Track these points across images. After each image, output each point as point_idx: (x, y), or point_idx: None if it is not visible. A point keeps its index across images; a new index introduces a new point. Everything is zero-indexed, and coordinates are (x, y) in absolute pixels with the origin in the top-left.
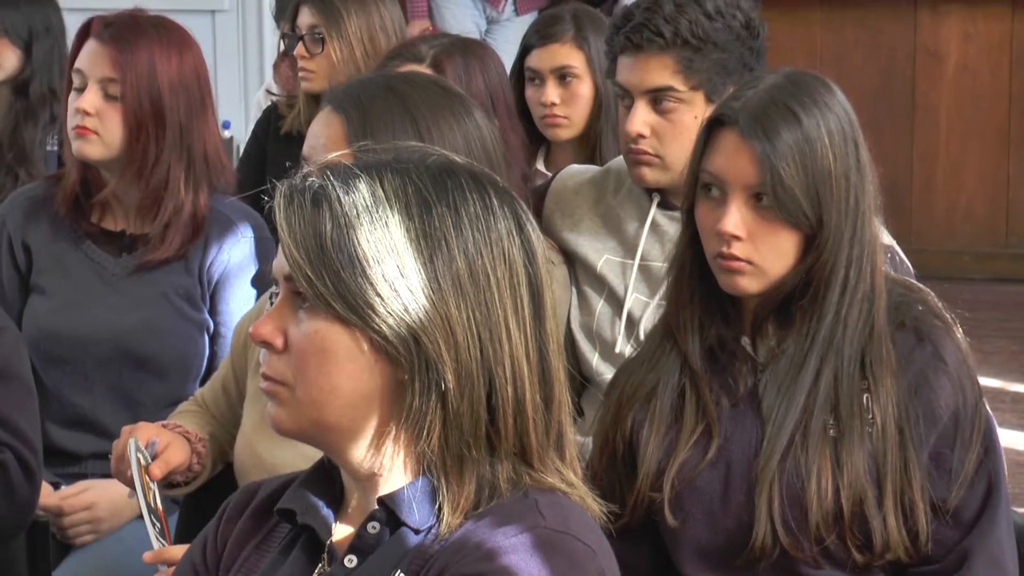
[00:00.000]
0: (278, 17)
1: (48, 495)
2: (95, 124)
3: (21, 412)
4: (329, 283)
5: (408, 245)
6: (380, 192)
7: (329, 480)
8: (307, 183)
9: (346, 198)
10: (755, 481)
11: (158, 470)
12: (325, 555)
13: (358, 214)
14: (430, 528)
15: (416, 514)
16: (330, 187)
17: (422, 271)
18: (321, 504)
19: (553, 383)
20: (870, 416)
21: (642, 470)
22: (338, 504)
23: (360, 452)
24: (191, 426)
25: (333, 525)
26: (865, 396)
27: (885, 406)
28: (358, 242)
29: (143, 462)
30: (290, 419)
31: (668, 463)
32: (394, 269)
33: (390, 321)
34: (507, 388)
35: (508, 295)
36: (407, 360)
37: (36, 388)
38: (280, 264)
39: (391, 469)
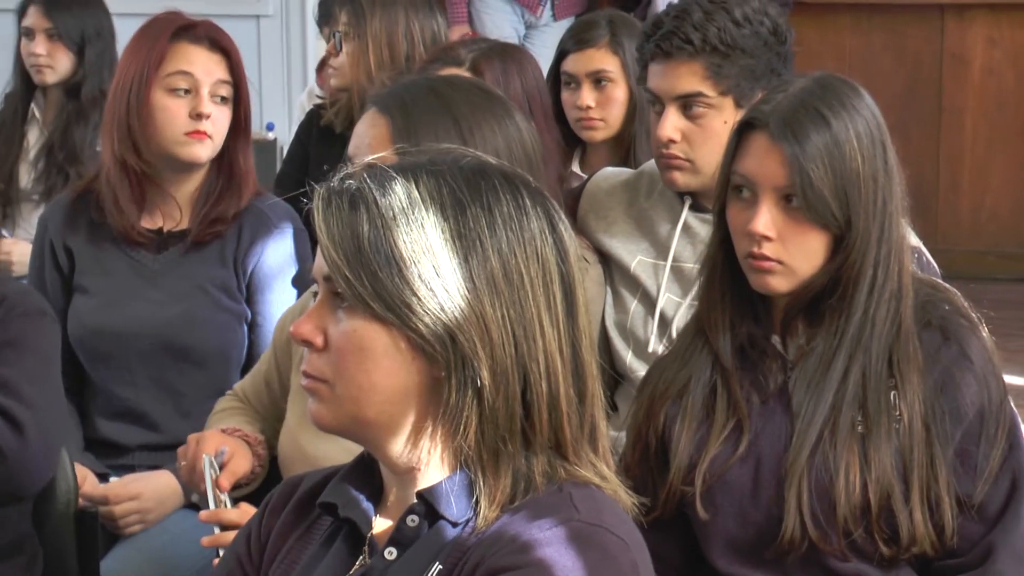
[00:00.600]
0: (321, 22)
1: (95, 487)
2: (211, 128)
3: (29, 380)
4: (367, 283)
5: (443, 245)
6: (416, 194)
7: (369, 474)
8: (345, 185)
9: (383, 200)
10: (784, 476)
11: (226, 481)
12: (366, 547)
13: (394, 215)
14: (467, 521)
15: (454, 507)
16: (367, 189)
17: (457, 271)
18: (361, 498)
19: (586, 378)
20: (897, 413)
21: (674, 464)
22: (378, 498)
23: (398, 447)
24: (246, 427)
25: (373, 518)
26: (892, 393)
27: (912, 403)
28: (394, 243)
29: (215, 475)
30: (330, 415)
31: (699, 458)
32: (430, 269)
33: (426, 320)
34: (541, 383)
35: (541, 293)
36: (443, 357)
37: (83, 384)
38: (319, 265)
39: (429, 463)
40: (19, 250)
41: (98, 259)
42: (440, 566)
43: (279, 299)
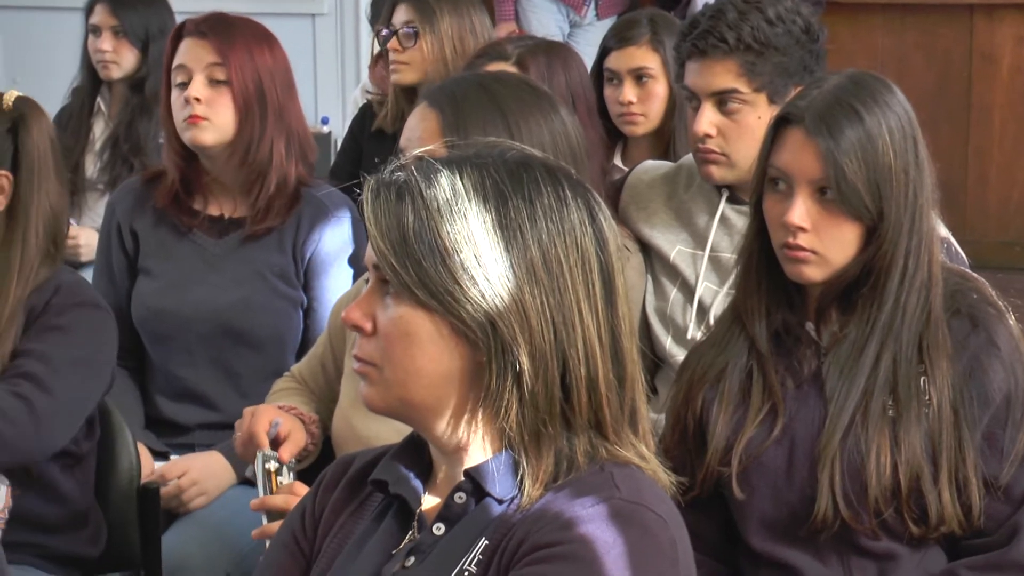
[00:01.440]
0: (373, 20)
1: (155, 466)
2: (205, 111)
3: (64, 365)
4: (412, 271)
5: (485, 236)
6: (459, 185)
7: (418, 453)
8: (393, 177)
9: (428, 191)
10: (818, 457)
11: (287, 453)
12: (415, 523)
13: (439, 207)
14: (512, 499)
15: (499, 485)
16: (413, 181)
17: (499, 260)
18: (411, 475)
19: (626, 363)
20: (926, 397)
21: (711, 446)
22: (427, 476)
23: (444, 427)
24: (301, 406)
25: (423, 495)
26: (922, 379)
27: (941, 388)
28: (439, 233)
29: (268, 466)
30: (379, 397)
31: (736, 440)
32: (472, 258)
33: (468, 307)
34: (580, 368)
35: (580, 281)
36: (484, 344)
37: (145, 364)
38: (369, 253)
39: (474, 443)
40: (86, 237)
41: (162, 243)
42: (486, 541)
43: (334, 285)
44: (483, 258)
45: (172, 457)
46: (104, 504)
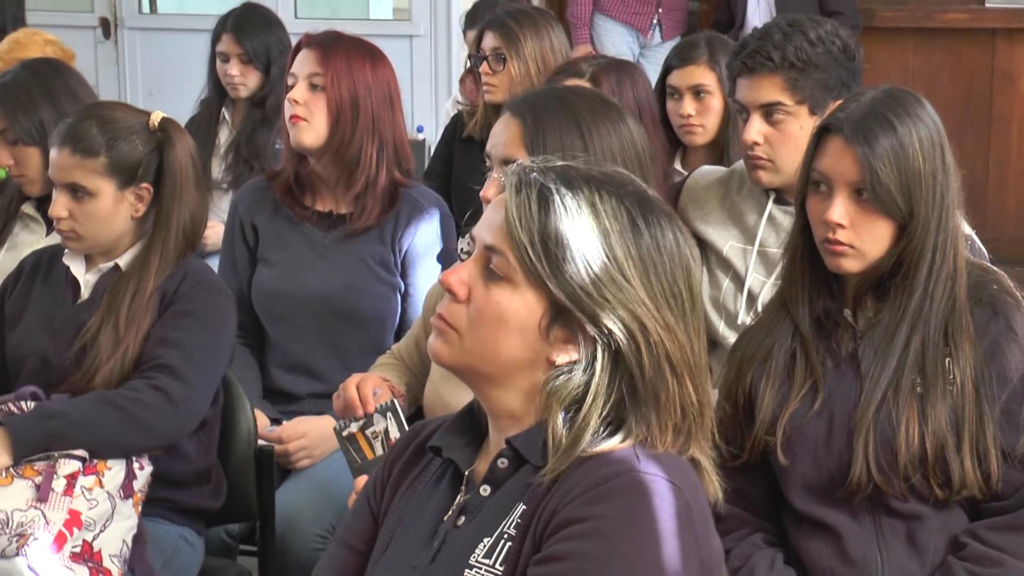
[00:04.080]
0: (466, 28)
1: (270, 429)
2: (304, 112)
3: (198, 350)
4: (547, 267)
5: (624, 257)
6: (599, 206)
7: (474, 422)
8: (532, 177)
9: (570, 202)
10: (854, 429)
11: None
12: (464, 485)
13: (584, 219)
14: (548, 468)
15: (537, 454)
16: (554, 188)
17: (633, 282)
18: (464, 442)
19: (703, 375)
20: (951, 377)
21: (759, 418)
22: (480, 443)
23: (498, 397)
24: (394, 379)
25: (476, 460)
26: (947, 360)
27: (964, 368)
28: (581, 240)
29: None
30: (449, 355)
31: (781, 412)
32: (607, 274)
33: (597, 309)
34: (674, 382)
35: (679, 310)
36: (579, 350)
37: (263, 341)
38: (486, 234)
39: (523, 415)
40: (213, 231)
41: (279, 235)
42: (523, 507)
43: (427, 273)
44: (625, 270)
45: (284, 422)
46: (225, 463)
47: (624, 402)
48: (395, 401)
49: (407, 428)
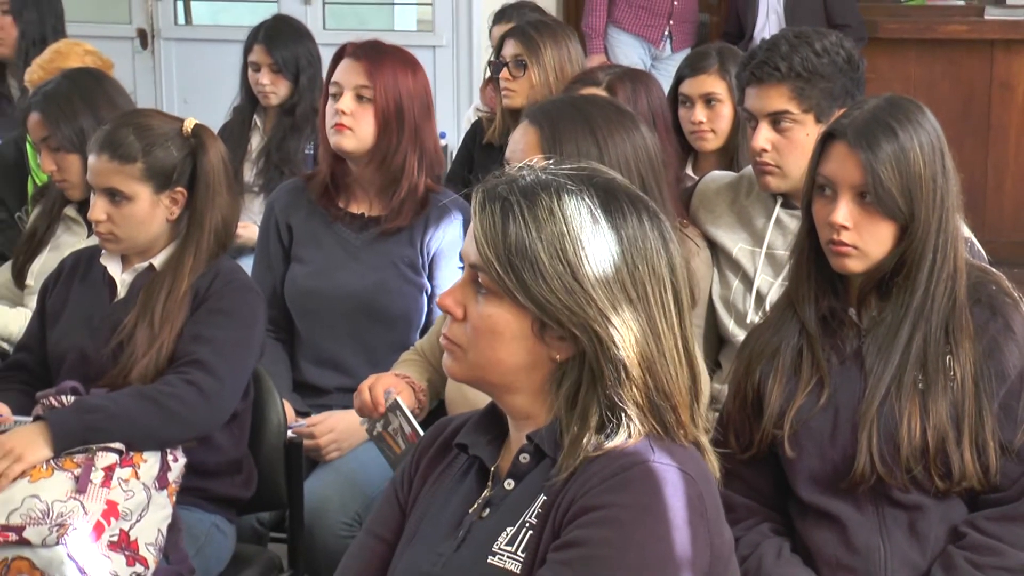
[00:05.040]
0: (494, 23)
1: (300, 423)
2: (350, 122)
3: (229, 347)
4: (514, 279)
5: (582, 255)
6: (557, 209)
7: (496, 419)
8: (497, 191)
9: (529, 212)
10: (858, 423)
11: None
12: (490, 481)
13: (540, 227)
14: (567, 462)
15: (556, 448)
16: (515, 200)
17: (594, 278)
18: (487, 439)
19: (695, 365)
20: (952, 373)
21: (767, 412)
22: (503, 439)
23: (513, 401)
24: (415, 375)
25: (500, 456)
26: (948, 357)
27: (964, 365)
28: (540, 249)
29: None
30: (460, 371)
31: (788, 407)
32: (568, 273)
33: (561, 317)
34: (660, 370)
35: (658, 300)
36: (572, 345)
37: (294, 336)
38: (468, 251)
39: (539, 413)
40: (246, 230)
41: (313, 235)
42: (544, 497)
43: (450, 275)
44: (578, 274)
45: (312, 415)
46: (256, 454)
47: (613, 396)
48: (397, 399)
49: (414, 421)
